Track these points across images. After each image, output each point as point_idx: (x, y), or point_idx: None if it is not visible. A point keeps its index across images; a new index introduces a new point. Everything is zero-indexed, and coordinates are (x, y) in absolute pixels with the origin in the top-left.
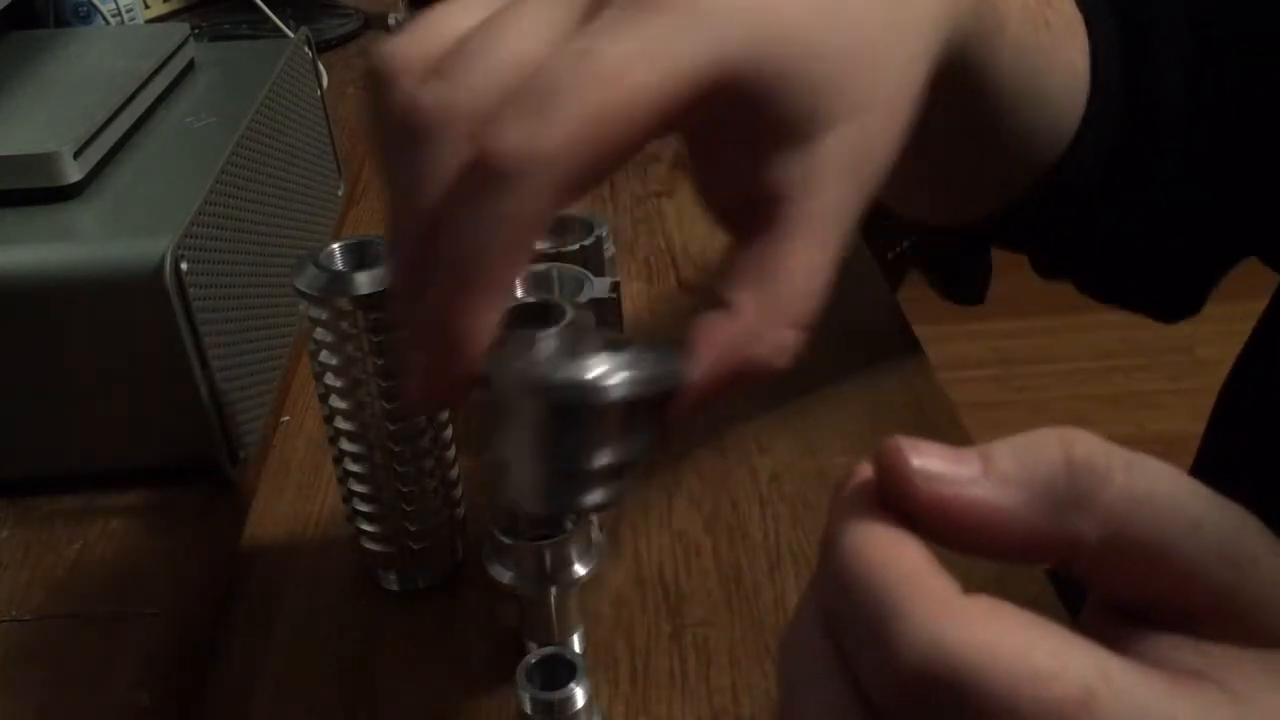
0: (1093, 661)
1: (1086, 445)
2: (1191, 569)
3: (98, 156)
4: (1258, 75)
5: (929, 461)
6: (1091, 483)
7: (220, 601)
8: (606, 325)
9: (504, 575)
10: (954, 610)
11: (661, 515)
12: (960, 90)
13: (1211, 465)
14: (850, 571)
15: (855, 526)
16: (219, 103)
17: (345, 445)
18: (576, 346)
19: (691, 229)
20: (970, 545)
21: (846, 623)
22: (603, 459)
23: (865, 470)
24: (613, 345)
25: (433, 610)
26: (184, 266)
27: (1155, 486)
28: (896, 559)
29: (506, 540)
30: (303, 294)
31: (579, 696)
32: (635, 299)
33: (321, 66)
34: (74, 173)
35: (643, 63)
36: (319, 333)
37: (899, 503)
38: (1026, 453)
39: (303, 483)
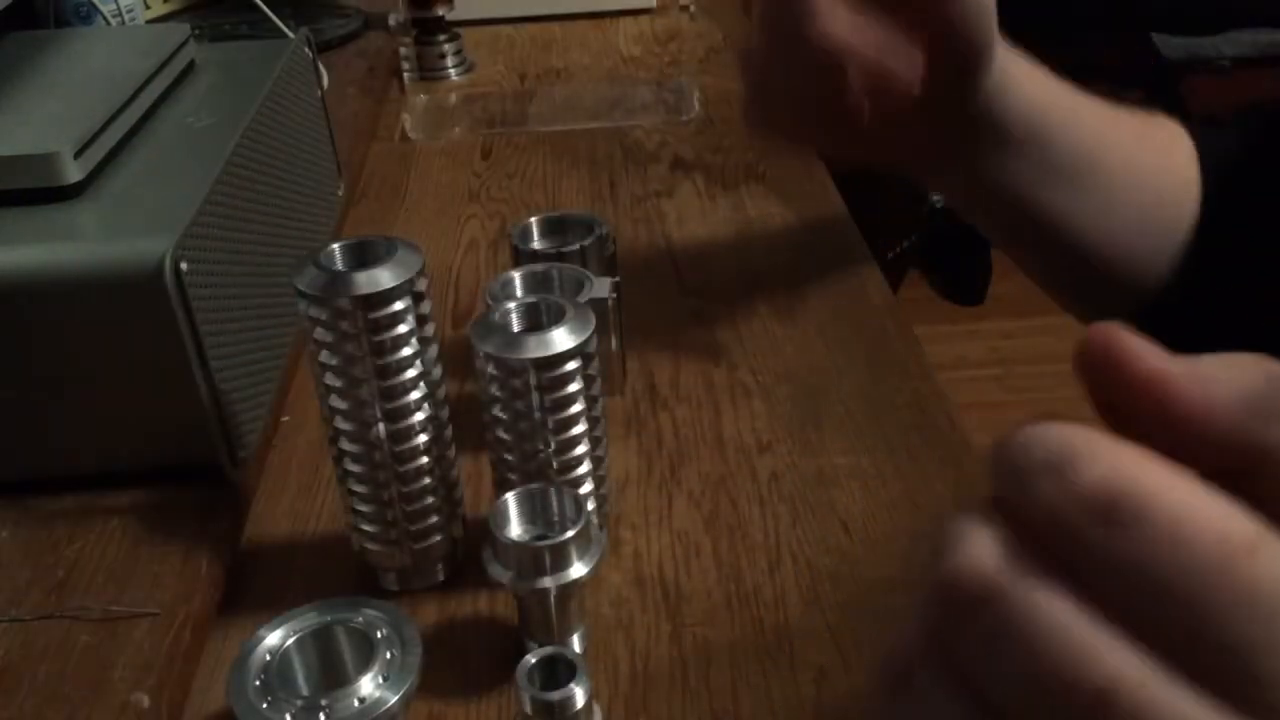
0: (1259, 524)
1: None
2: None
3: (98, 156)
4: None
5: (1143, 347)
6: None
7: (220, 602)
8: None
9: (504, 575)
10: (1133, 451)
11: (661, 515)
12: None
13: None
14: (1028, 432)
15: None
16: (219, 103)
17: (345, 445)
18: None
19: (691, 229)
20: (1171, 434)
21: (1017, 466)
22: None
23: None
24: None
25: (433, 610)
26: (184, 267)
27: None
28: (1076, 428)
29: (506, 540)
30: (303, 294)
31: (579, 696)
32: (635, 299)
33: (321, 67)
34: (74, 173)
35: None
36: (319, 333)
37: (1114, 378)
38: (1228, 362)
39: (303, 483)
